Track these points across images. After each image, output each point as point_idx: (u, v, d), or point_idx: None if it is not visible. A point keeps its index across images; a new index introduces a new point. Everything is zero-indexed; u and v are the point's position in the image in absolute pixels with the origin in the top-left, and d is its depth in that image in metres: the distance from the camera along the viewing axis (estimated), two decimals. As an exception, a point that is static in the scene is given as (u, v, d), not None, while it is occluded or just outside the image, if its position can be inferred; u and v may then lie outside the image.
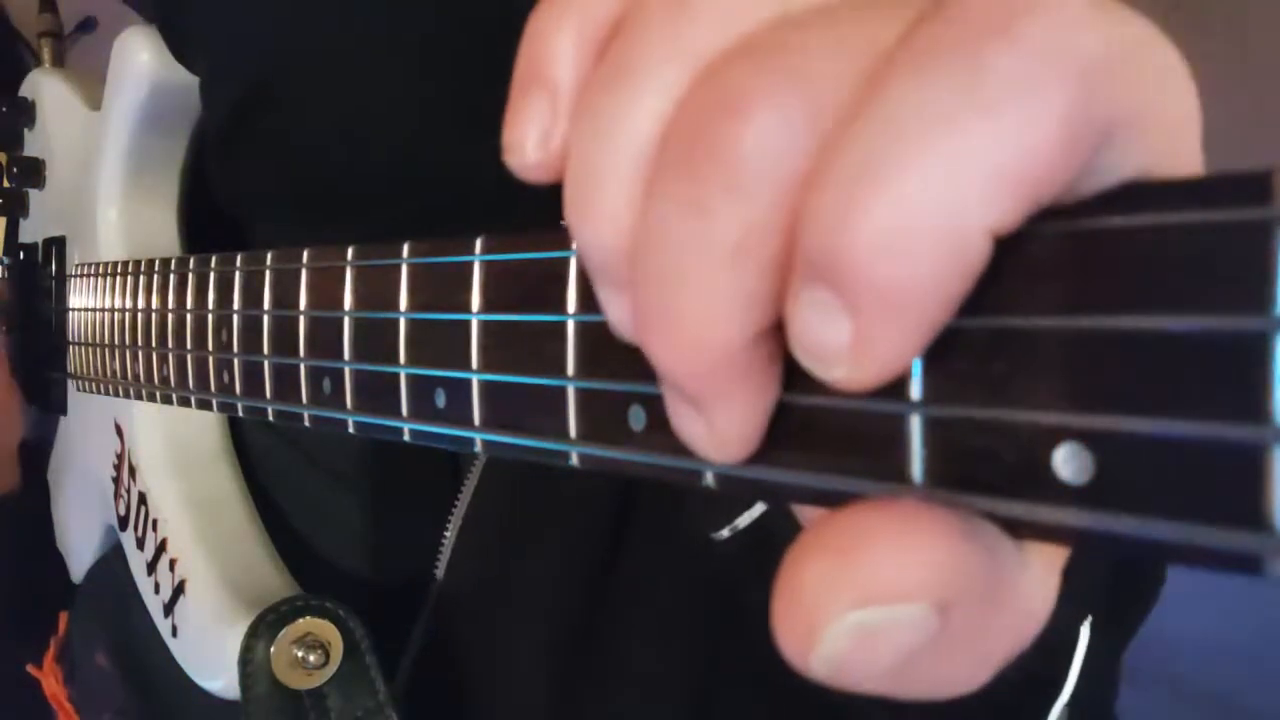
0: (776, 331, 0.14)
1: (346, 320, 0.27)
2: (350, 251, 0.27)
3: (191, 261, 0.37)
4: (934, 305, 0.13)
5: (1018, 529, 0.13)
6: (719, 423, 0.15)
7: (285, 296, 0.30)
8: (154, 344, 0.40)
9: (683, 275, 0.14)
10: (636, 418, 0.18)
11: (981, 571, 0.13)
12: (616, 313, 0.16)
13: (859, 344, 0.13)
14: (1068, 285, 0.13)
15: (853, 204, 0.12)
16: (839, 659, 0.13)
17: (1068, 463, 0.12)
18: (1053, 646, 0.29)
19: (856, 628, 0.13)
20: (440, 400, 0.23)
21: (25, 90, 0.65)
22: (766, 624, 0.14)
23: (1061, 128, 0.12)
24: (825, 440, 0.15)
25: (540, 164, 0.17)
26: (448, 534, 0.44)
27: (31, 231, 0.64)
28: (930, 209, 0.12)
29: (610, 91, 0.15)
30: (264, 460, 0.51)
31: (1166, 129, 0.13)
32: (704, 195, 0.14)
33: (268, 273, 0.31)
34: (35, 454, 0.65)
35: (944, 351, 0.14)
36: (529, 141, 0.17)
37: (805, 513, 0.20)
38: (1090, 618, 0.30)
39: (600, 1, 0.16)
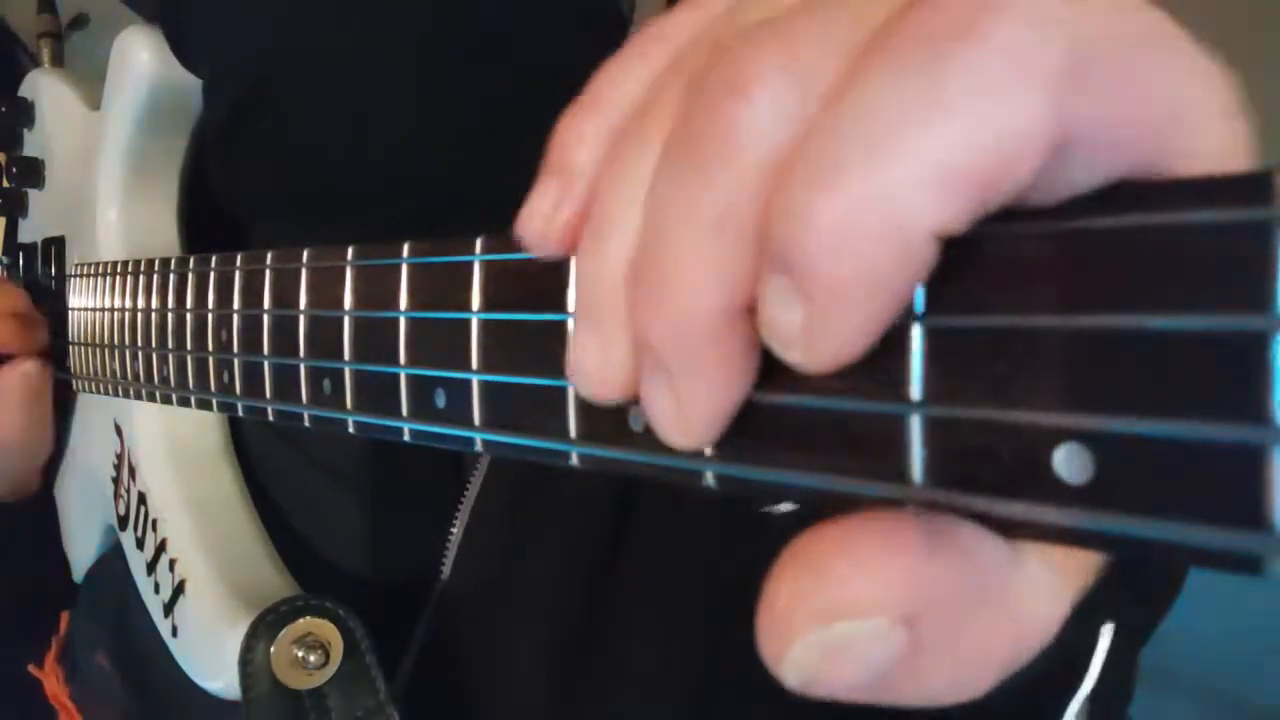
0: (752, 318, 0.15)
1: (346, 320, 0.27)
2: (350, 251, 0.27)
3: (191, 261, 0.37)
4: (880, 299, 0.13)
5: (1017, 529, 0.13)
6: (685, 398, 0.15)
7: (285, 296, 0.30)
8: (154, 344, 0.40)
9: (670, 237, 0.15)
10: (636, 418, 0.18)
11: (955, 579, 0.13)
12: (597, 357, 0.17)
13: (809, 330, 0.14)
14: (1068, 285, 0.13)
15: (808, 200, 0.13)
16: (809, 671, 0.13)
17: (1068, 463, 0.12)
18: (1068, 653, 0.29)
19: (822, 643, 0.13)
20: (440, 400, 0.23)
21: (25, 90, 0.65)
22: None
23: (1016, 134, 0.12)
24: (826, 441, 0.15)
25: (542, 234, 0.18)
26: (453, 533, 0.44)
27: (31, 231, 0.64)
28: (874, 209, 0.12)
29: (631, 144, 0.16)
30: (264, 460, 0.51)
31: (1153, 132, 0.13)
32: (694, 165, 0.15)
33: (268, 273, 0.31)
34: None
35: (944, 351, 0.14)
36: (537, 217, 0.18)
37: None
38: (1112, 622, 0.29)
39: (621, 96, 0.17)
